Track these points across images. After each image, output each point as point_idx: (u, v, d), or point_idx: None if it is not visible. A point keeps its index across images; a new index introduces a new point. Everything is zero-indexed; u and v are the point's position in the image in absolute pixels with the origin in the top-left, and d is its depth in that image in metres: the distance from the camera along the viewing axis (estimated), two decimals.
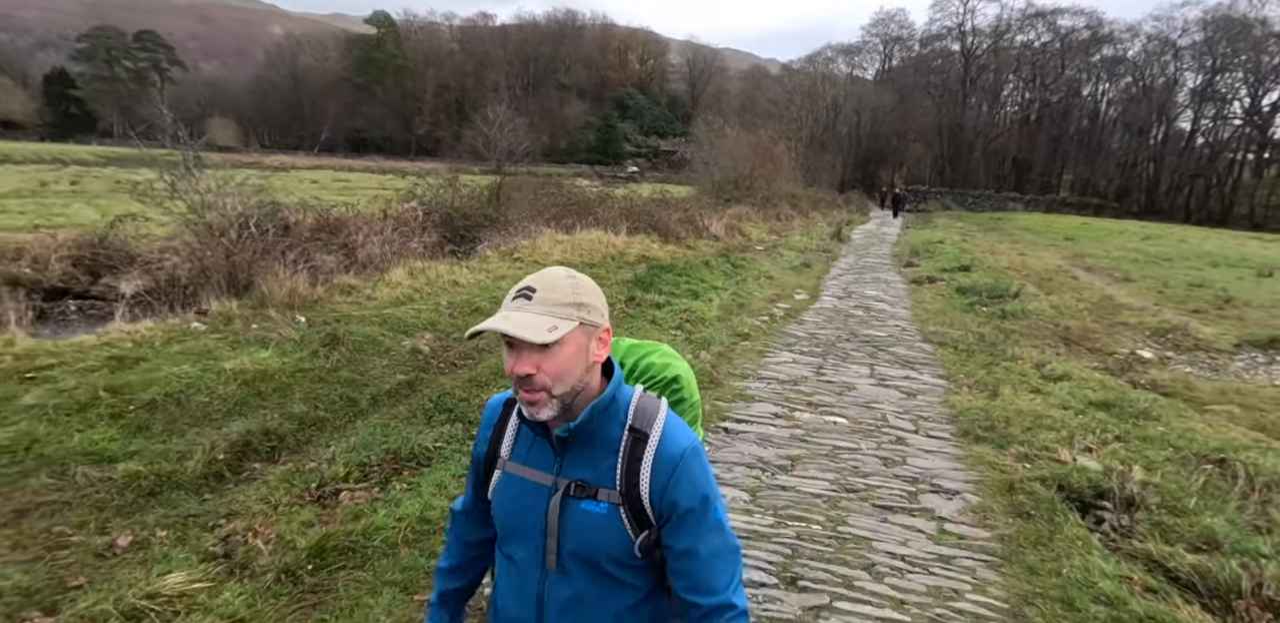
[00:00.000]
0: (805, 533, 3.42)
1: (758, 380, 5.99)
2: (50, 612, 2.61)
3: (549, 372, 1.06)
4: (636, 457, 1.12)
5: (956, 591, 2.99)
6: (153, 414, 4.21)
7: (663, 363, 1.47)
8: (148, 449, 3.83)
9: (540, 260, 10.37)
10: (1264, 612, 2.85)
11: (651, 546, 1.16)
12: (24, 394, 4.19)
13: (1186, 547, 3.30)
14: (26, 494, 3.37)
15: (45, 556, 2.94)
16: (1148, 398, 5.76)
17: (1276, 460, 4.41)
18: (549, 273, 1.13)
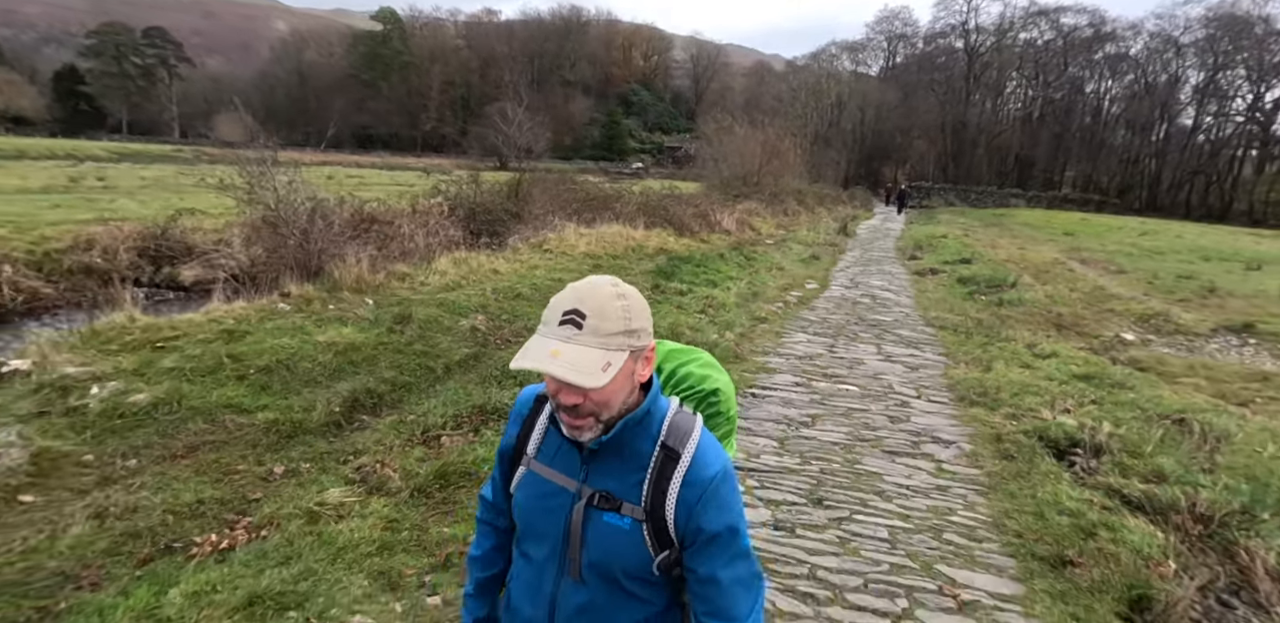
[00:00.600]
0: (826, 469, 4.16)
1: (777, 356, 6.72)
2: (244, 514, 3.36)
3: (596, 401, 1.04)
4: (666, 476, 1.09)
5: (950, 509, 3.73)
6: (269, 376, 4.96)
7: (702, 374, 1.41)
8: (274, 403, 4.59)
9: (568, 252, 11.11)
10: (1195, 523, 3.57)
11: (671, 564, 1.14)
12: (162, 359, 4.94)
13: (1140, 479, 4.03)
14: (190, 436, 4.13)
15: (222, 479, 3.69)
16: (1124, 371, 6.49)
17: (1228, 420, 5.14)
18: (598, 291, 1.05)
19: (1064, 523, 3.50)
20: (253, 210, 7.83)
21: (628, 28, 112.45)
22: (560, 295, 1.05)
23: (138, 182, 26.88)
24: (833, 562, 3.16)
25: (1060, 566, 3.17)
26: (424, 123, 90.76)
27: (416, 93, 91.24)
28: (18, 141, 53.28)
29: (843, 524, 3.50)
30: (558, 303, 1.04)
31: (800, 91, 53.62)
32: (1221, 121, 55.54)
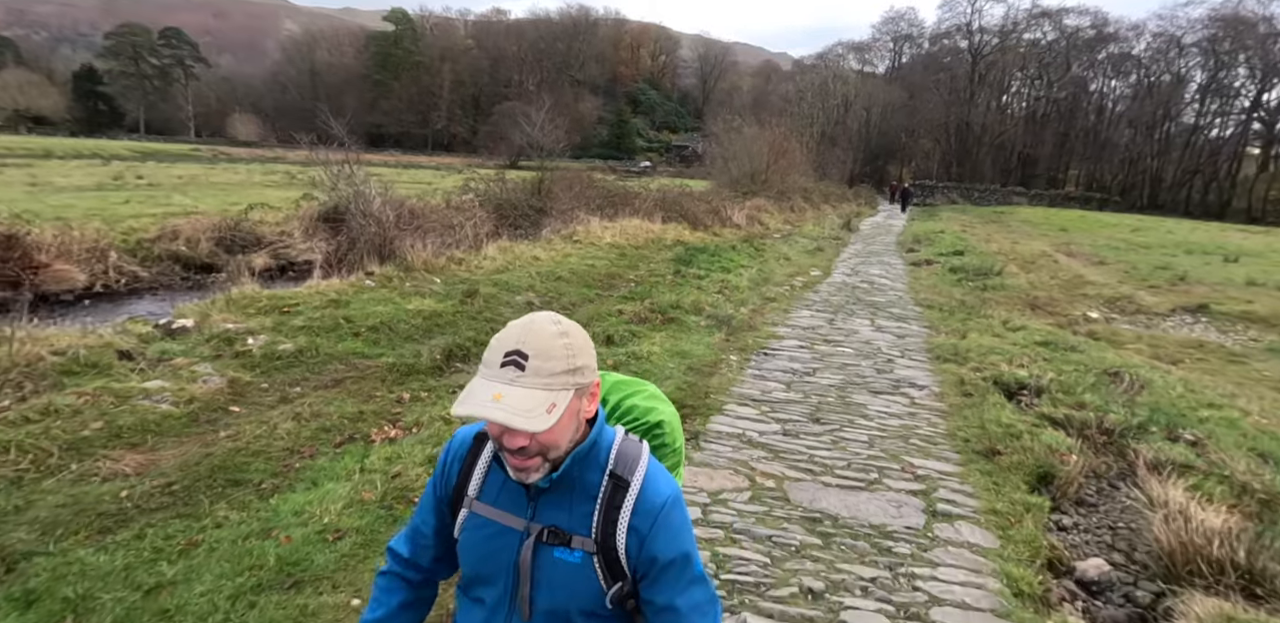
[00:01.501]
0: (823, 402, 5.35)
1: (785, 327, 7.91)
2: (395, 421, 4.57)
3: (543, 442, 1.01)
4: (616, 505, 1.08)
5: (916, 426, 4.91)
6: (377, 334, 6.19)
7: (647, 406, 1.42)
8: (388, 352, 5.81)
9: (595, 242, 12.32)
10: (1101, 435, 4.75)
11: (624, 597, 1.12)
12: (291, 320, 6.18)
13: (1066, 408, 5.20)
14: (332, 373, 5.36)
15: (368, 400, 4.91)
16: (1079, 339, 7.65)
17: (1154, 373, 6.30)
18: (540, 330, 1.02)
19: (999, 431, 4.68)
20: (337, 202, 9.06)
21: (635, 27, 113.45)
22: (501, 335, 1.03)
23: (175, 179, 28.23)
24: (825, 453, 4.35)
25: (990, 455, 4.36)
26: (435, 122, 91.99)
27: (427, 92, 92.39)
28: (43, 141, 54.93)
29: (834, 433, 4.70)
30: (499, 343, 1.02)
31: (807, 91, 54.71)
32: (1223, 121, 56.31)
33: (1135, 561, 3.49)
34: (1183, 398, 5.59)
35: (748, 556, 3.13)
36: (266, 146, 76.63)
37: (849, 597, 2.87)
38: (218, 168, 40.36)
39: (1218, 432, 4.71)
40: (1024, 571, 3.14)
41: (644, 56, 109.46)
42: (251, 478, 3.62)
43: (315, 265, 7.94)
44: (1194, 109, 56.75)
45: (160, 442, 3.96)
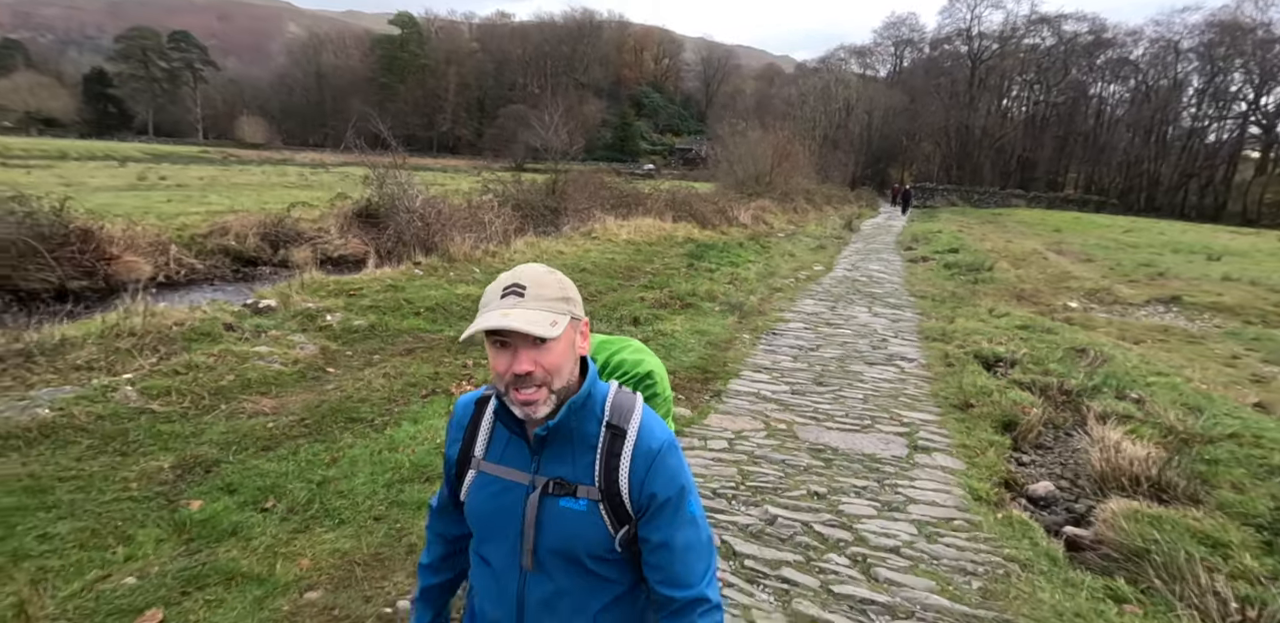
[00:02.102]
0: (825, 370, 6.20)
1: (790, 313, 8.77)
2: (467, 380, 5.43)
3: (547, 366, 1.06)
4: (615, 453, 1.13)
5: (905, 388, 5.76)
6: (434, 313, 7.05)
7: (635, 359, 1.46)
8: (447, 328, 6.68)
9: (612, 239, 13.19)
10: (1061, 395, 5.60)
11: (630, 540, 1.17)
12: (359, 301, 7.05)
13: (1034, 375, 6.06)
14: (402, 344, 6.22)
15: (439, 364, 5.76)
16: (1056, 324, 8.49)
17: (1117, 350, 7.15)
18: (530, 269, 1.12)
19: (974, 390, 5.54)
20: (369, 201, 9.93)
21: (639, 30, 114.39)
22: (496, 280, 1.11)
23: (197, 180, 29.17)
24: (827, 406, 5.21)
25: (964, 407, 5.22)
26: (440, 124, 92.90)
27: (433, 95, 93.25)
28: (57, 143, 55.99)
29: (835, 393, 5.56)
30: (496, 285, 1.10)
31: (810, 95, 55.62)
32: (1220, 125, 57.12)
33: (1077, 485, 4.34)
34: (1136, 368, 6.43)
35: (766, 471, 3.99)
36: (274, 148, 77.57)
37: (845, 498, 3.73)
38: (232, 169, 41.32)
39: (1159, 392, 5.55)
40: (984, 484, 3.99)
41: (647, 60, 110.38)
42: (364, 417, 4.48)
43: (369, 256, 8.83)
44: (1191, 113, 57.58)
45: (282, 391, 4.83)
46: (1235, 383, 6.43)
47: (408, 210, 9.39)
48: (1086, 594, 2.96)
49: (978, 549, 3.27)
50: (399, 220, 9.42)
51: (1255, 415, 5.18)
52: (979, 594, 2.90)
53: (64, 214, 9.64)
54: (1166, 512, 3.57)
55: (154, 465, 3.55)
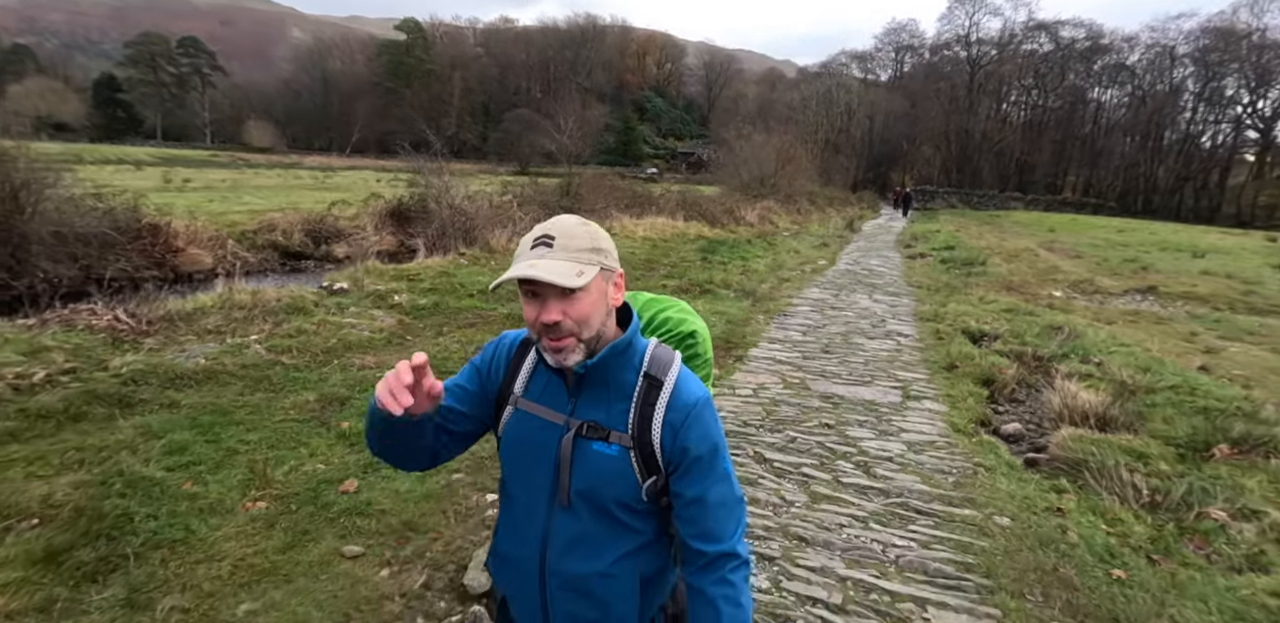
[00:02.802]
0: (831, 342, 7.13)
1: (799, 299, 9.69)
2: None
3: (575, 316, 1.07)
4: (650, 402, 1.14)
5: (900, 355, 6.68)
6: (485, 295, 7.98)
7: (679, 318, 1.50)
8: (499, 308, 7.61)
9: (630, 236, 14.12)
10: (1033, 360, 6.52)
11: (658, 492, 1.18)
12: (419, 285, 7.98)
13: (1012, 346, 6.97)
14: (463, 320, 7.15)
15: None
16: (1039, 308, 9.41)
17: (1089, 328, 8.05)
18: (563, 220, 1.13)
19: (959, 356, 6.46)
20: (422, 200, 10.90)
21: (642, 35, 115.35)
22: (529, 233, 1.13)
23: (220, 182, 30.18)
24: (834, 368, 6.13)
25: (950, 368, 6.14)
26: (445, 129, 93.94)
27: (438, 99, 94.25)
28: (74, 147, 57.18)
29: (840, 358, 6.48)
30: (528, 236, 1.12)
31: (812, 100, 56.68)
32: (1215, 129, 58.11)
33: (1041, 427, 5.25)
34: (1103, 342, 7.33)
35: (785, 410, 4.92)
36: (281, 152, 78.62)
37: (850, 427, 4.65)
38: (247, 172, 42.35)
39: (1118, 358, 6.46)
40: (963, 421, 4.91)
41: (650, 64, 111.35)
42: (451, 370, 5.41)
43: (420, 247, 9.78)
44: (1187, 118, 58.53)
45: (377, 351, 5.76)
46: (1188, 353, 7.32)
47: (450, 207, 10.35)
48: (1034, 487, 3.88)
49: (954, 459, 4.19)
50: (443, 216, 10.37)
51: (1196, 374, 6.09)
52: (952, 485, 3.82)
53: (137, 211, 10.61)
54: (1106, 436, 4.50)
55: (301, 399, 4.48)
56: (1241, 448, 4.26)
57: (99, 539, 2.83)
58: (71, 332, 5.06)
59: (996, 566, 3.00)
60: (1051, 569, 3.00)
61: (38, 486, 3.17)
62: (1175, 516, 3.56)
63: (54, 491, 3.14)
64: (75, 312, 5.37)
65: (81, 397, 4.12)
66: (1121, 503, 3.69)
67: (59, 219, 9.10)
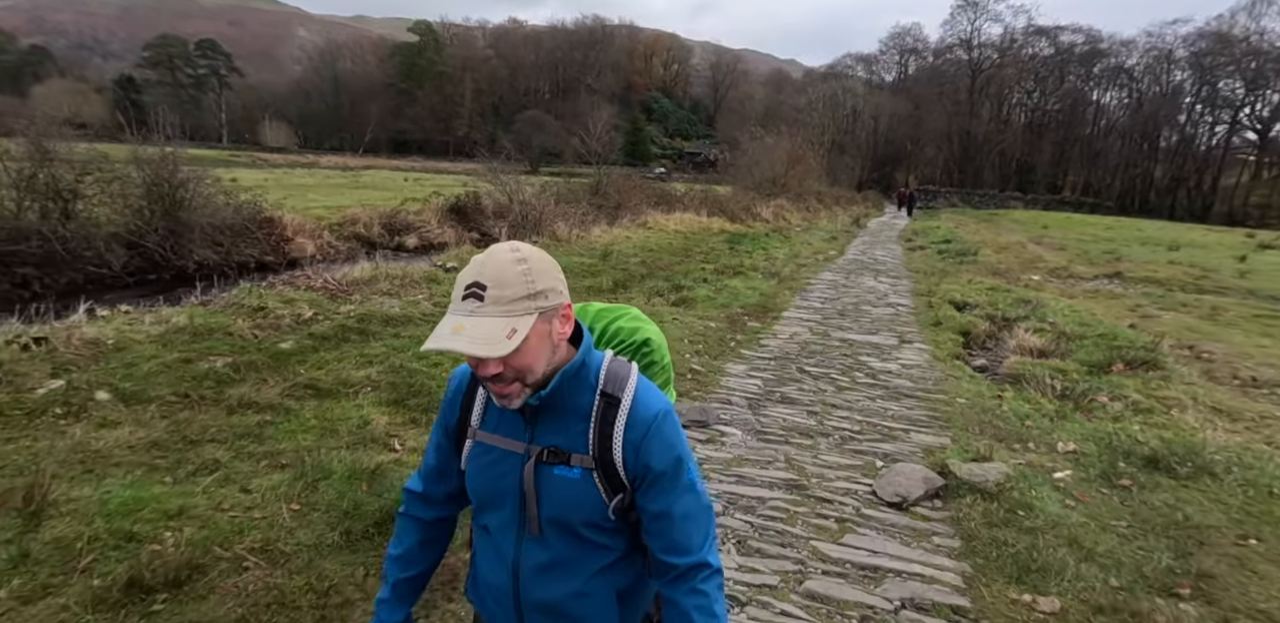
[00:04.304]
0: (844, 308, 9.05)
1: (816, 280, 11.60)
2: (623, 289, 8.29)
3: (516, 367, 1.04)
4: (609, 421, 1.12)
5: (899, 317, 8.60)
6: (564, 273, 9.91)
7: (632, 327, 1.46)
8: (575, 283, 9.53)
9: (663, 229, 16.05)
10: (1002, 320, 8.44)
11: (625, 508, 1.18)
12: None
13: (987, 312, 8.88)
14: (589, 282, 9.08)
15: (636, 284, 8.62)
16: (1015, 288, 11.30)
17: (1053, 301, 9.95)
18: (496, 259, 1.04)
19: (944, 316, 8.37)
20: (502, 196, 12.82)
21: (649, 36, 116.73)
22: (464, 270, 1.05)
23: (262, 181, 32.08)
24: (847, 324, 8.05)
25: (936, 324, 8.05)
26: (457, 129, 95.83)
27: (450, 100, 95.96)
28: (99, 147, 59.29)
29: (852, 318, 8.40)
30: (461, 278, 1.04)
31: (818, 103, 58.55)
32: (1210, 130, 59.79)
33: (1001, 362, 7.16)
34: (1060, 309, 9.23)
35: (814, 346, 6.84)
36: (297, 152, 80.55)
37: (861, 356, 6.57)
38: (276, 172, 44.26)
39: (1066, 318, 8.35)
40: (942, 354, 6.82)
41: (657, 65, 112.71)
42: None
43: (501, 236, 11.71)
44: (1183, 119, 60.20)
45: None
46: (1125, 317, 9.17)
47: (521, 203, 12.25)
48: (986, 386, 5.79)
49: (933, 372, 6.11)
50: (515, 211, 12.28)
51: (1122, 329, 7.97)
52: (930, 384, 5.74)
53: (256, 206, 12.57)
54: (1042, 361, 6.41)
55: None
56: (1131, 366, 6.17)
57: (413, 396, 4.76)
58: (299, 290, 7.00)
59: (954, 417, 4.92)
60: (988, 421, 4.91)
61: (357, 372, 5.11)
62: (1075, 401, 5.47)
63: (369, 374, 5.08)
64: (294, 277, 7.31)
65: (336, 329, 6.07)
66: (1042, 395, 5.60)
67: (206, 212, 11.05)
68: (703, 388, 5.38)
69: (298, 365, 5.23)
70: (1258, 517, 3.44)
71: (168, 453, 3.70)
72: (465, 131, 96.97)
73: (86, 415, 4.17)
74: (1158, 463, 3.99)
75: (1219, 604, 2.73)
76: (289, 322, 6.04)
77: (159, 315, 6.03)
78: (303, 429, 4.10)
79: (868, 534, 3.28)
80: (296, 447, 3.84)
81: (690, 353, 6.26)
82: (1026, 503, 3.49)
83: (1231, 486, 3.75)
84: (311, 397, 4.66)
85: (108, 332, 5.40)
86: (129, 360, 4.98)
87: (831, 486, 3.78)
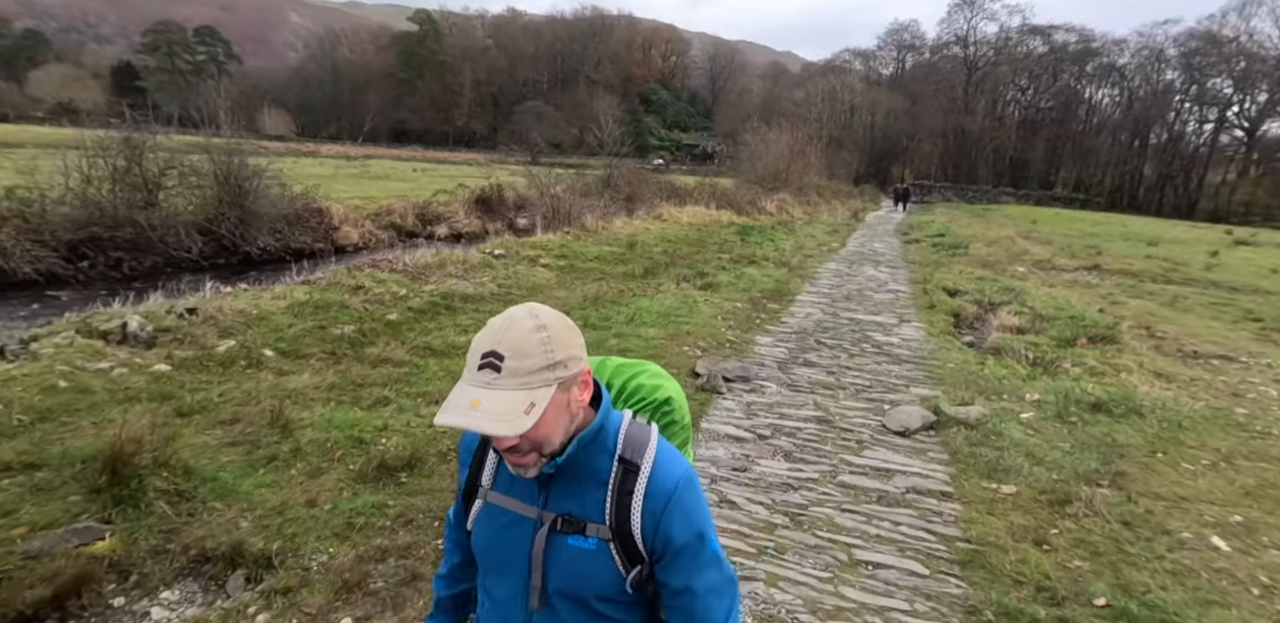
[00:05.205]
0: (849, 294, 10.22)
1: (822, 269, 12.77)
2: (645, 292, 9.41)
3: (533, 439, 1.02)
4: (627, 490, 1.08)
5: (899, 301, 9.78)
6: (599, 261, 11.04)
7: (653, 385, 1.43)
8: (612, 268, 10.66)
9: (677, 221, 17.17)
10: (988, 304, 9.63)
11: (644, 581, 1.13)
12: (550, 253, 11.03)
13: (975, 298, 10.06)
14: (594, 276, 10.21)
15: (624, 285, 9.74)
16: (1002, 278, 12.50)
17: (1035, 289, 11.14)
18: (515, 326, 1.00)
19: (938, 301, 9.56)
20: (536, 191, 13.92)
21: (648, 28, 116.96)
22: (479, 336, 1.02)
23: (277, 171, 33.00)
24: (853, 306, 9.23)
25: (930, 307, 9.24)
26: (456, 119, 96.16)
27: (449, 90, 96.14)
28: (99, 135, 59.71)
29: (857, 302, 9.58)
30: (477, 345, 1.00)
31: (817, 98, 59.57)
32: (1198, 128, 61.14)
33: (985, 338, 8.35)
34: (1039, 295, 10.43)
35: (826, 324, 8.02)
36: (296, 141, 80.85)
37: (866, 332, 7.75)
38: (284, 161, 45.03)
39: (1043, 303, 9.54)
40: (936, 332, 8.00)
41: (655, 57, 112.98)
42: (613, 301, 8.48)
43: (536, 226, 12.83)
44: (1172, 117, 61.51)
45: (558, 290, 8.81)
46: (1095, 303, 10.36)
47: (553, 196, 13.35)
48: (972, 356, 6.98)
49: (928, 345, 7.30)
50: (546, 203, 13.38)
51: (1090, 312, 9.18)
52: (925, 353, 6.92)
53: (309, 196, 13.61)
54: (1019, 336, 7.60)
55: None
56: (1093, 340, 7.37)
57: None
58: (384, 272, 8.12)
59: (944, 377, 6.10)
60: (972, 380, 6.09)
61: (459, 338, 6.25)
62: (1044, 367, 6.66)
63: (469, 340, 6.22)
64: (376, 261, 8.43)
65: (428, 304, 7.20)
66: (1017, 362, 6.78)
67: (269, 202, 12.11)
68: (739, 354, 6.54)
69: (407, 332, 6.38)
70: (1165, 440, 4.65)
71: (344, 392, 4.84)
72: (464, 122, 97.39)
73: (264, 366, 5.30)
74: (1100, 407, 5.18)
75: (1126, 489, 3.93)
76: (388, 298, 7.16)
77: (274, 292, 7.15)
78: (437, 377, 5.25)
79: (881, 451, 4.46)
80: (439, 389, 4.98)
81: (725, 327, 7.42)
82: (997, 431, 4.68)
83: (1152, 421, 4.95)
84: (430, 355, 5.81)
85: (243, 304, 6.53)
86: (274, 326, 6.10)
87: (850, 420, 4.96)
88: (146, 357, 5.18)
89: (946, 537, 3.42)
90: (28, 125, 61.59)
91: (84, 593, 2.80)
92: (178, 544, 3.05)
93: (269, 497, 3.39)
